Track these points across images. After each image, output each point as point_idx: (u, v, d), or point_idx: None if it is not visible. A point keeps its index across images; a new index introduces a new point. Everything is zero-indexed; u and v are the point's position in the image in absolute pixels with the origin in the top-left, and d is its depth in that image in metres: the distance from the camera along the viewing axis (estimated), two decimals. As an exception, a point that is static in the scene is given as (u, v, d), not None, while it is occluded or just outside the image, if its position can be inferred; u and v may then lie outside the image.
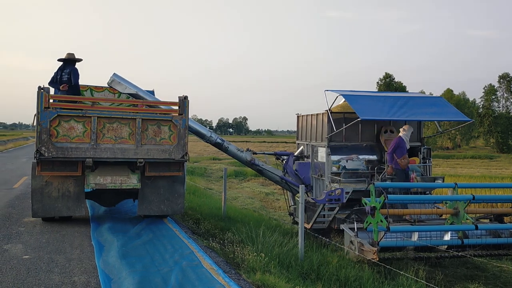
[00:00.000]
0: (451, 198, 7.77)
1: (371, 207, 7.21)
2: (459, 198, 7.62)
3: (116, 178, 8.20)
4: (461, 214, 7.52)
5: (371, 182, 7.51)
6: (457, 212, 7.58)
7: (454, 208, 7.65)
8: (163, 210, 8.73)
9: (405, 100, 9.68)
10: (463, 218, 7.49)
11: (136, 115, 8.15)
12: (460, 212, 7.54)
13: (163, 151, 8.18)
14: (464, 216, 7.49)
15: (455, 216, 7.63)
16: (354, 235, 7.63)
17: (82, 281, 5.29)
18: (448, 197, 7.82)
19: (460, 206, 7.57)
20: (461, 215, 7.52)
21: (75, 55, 9.33)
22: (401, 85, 74.04)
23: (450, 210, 7.71)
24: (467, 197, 7.57)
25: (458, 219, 7.56)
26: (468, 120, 10.11)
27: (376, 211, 7.14)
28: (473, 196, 7.55)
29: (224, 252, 6.99)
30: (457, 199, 7.63)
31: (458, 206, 7.61)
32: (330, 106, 9.92)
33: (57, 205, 8.11)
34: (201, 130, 10.22)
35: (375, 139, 10.38)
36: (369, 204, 7.30)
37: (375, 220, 7.19)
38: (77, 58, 9.33)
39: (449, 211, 7.71)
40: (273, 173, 10.79)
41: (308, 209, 10.09)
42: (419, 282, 6.46)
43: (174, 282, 5.29)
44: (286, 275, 6.06)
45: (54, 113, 7.63)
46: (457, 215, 7.60)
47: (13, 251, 6.45)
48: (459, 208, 7.57)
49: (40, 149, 7.53)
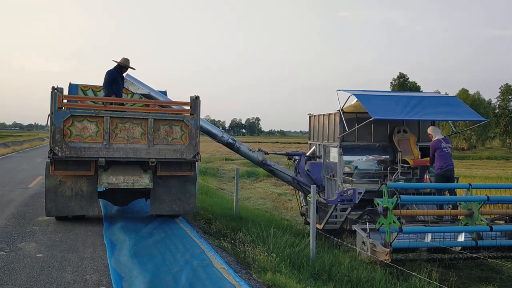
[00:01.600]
0: (465, 199, 7.64)
1: (384, 207, 7.14)
2: (473, 199, 7.48)
3: (129, 178, 8.26)
4: (476, 215, 7.39)
5: (384, 183, 7.42)
6: (471, 213, 7.45)
7: (468, 209, 7.52)
8: (175, 209, 8.76)
9: (418, 99, 9.56)
10: (478, 219, 7.37)
11: (148, 115, 8.20)
12: (475, 213, 7.40)
13: (175, 151, 8.21)
14: (478, 217, 7.37)
15: (469, 217, 7.50)
16: (367, 235, 7.56)
17: (94, 279, 5.33)
18: (462, 197, 7.69)
19: (474, 207, 7.43)
20: (475, 216, 7.39)
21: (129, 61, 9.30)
22: (415, 85, 73.35)
23: (464, 211, 7.58)
24: (482, 198, 7.43)
25: (472, 220, 7.43)
26: (482, 120, 9.95)
27: (388, 211, 7.07)
28: (487, 197, 7.41)
29: (235, 252, 6.99)
30: (471, 200, 7.49)
31: (472, 207, 7.48)
32: (342, 106, 9.86)
33: (70, 204, 8.19)
34: (212, 130, 10.24)
35: (388, 139, 10.29)
36: (381, 205, 7.23)
37: (388, 221, 7.11)
38: (130, 66, 9.29)
39: (463, 212, 7.58)
40: (285, 173, 10.76)
41: (320, 210, 10.04)
42: (432, 283, 6.37)
43: (185, 281, 5.31)
44: (297, 276, 6.02)
45: (67, 113, 7.72)
46: (471, 216, 7.47)
47: (27, 249, 6.53)
48: (473, 209, 7.44)
49: (54, 149, 7.61)
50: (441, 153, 8.71)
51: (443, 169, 8.63)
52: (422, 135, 10.55)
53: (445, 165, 8.62)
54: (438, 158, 8.71)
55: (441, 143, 8.81)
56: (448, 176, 8.70)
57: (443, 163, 8.64)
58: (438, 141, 8.86)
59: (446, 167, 8.62)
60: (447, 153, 8.74)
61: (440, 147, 8.76)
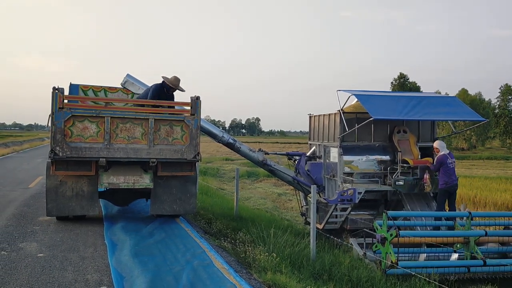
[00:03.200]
0: (463, 234, 7.77)
1: (382, 237, 7.19)
2: (471, 234, 7.68)
3: (129, 178, 8.27)
4: (471, 245, 7.57)
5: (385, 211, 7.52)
6: (468, 242, 7.63)
7: (465, 238, 7.68)
8: (176, 209, 8.78)
9: (418, 99, 9.58)
10: (473, 249, 7.53)
11: (148, 115, 8.21)
12: (471, 243, 7.58)
13: (176, 151, 8.23)
14: (474, 248, 7.54)
15: (465, 245, 7.66)
16: (363, 254, 7.62)
17: (95, 279, 5.35)
18: (460, 233, 7.82)
19: (471, 238, 7.62)
20: (471, 246, 7.57)
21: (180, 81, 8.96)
22: (415, 85, 73.32)
23: (460, 239, 7.73)
24: (479, 233, 7.66)
25: (468, 248, 7.59)
26: (482, 120, 9.98)
27: (386, 242, 7.11)
28: (485, 232, 7.63)
29: (236, 251, 7.01)
30: (469, 235, 7.68)
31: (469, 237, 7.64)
32: (342, 106, 9.87)
33: (71, 204, 8.21)
34: (213, 130, 10.25)
35: (388, 139, 10.31)
36: (380, 232, 7.27)
37: (384, 250, 7.16)
38: (180, 87, 9.02)
39: (459, 239, 7.73)
40: (285, 173, 10.77)
41: (320, 210, 10.06)
42: (432, 283, 6.40)
43: (186, 281, 5.32)
44: (298, 275, 6.04)
45: (68, 113, 7.73)
46: (467, 244, 7.64)
47: (28, 249, 6.55)
48: (470, 239, 7.61)
49: (55, 149, 7.63)
50: (446, 168, 8.94)
51: (448, 185, 8.91)
52: (422, 135, 10.58)
53: (450, 181, 8.91)
54: (444, 174, 8.95)
55: (447, 159, 9.00)
56: (452, 191, 9.04)
57: (448, 178, 8.91)
58: (445, 156, 9.02)
59: (451, 182, 8.92)
60: (452, 169, 8.98)
61: (446, 162, 8.96)
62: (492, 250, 8.06)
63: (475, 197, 16.54)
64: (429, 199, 9.62)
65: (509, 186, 19.69)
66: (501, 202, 16.16)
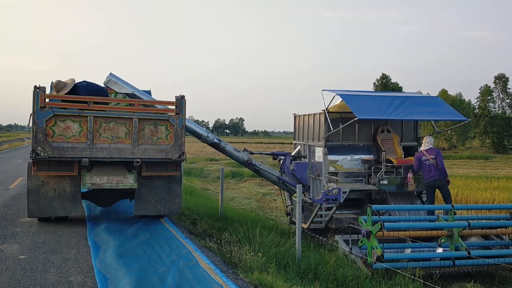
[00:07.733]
0: (447, 226, 7.81)
1: (367, 230, 7.22)
2: (454, 226, 7.73)
3: (113, 178, 8.16)
4: (455, 237, 7.63)
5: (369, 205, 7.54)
6: (451, 235, 7.68)
7: (448, 230, 7.73)
8: (160, 210, 8.70)
9: (401, 99, 9.69)
10: (457, 241, 7.59)
11: (132, 114, 8.12)
12: (454, 235, 7.64)
13: (160, 151, 8.15)
14: (458, 240, 7.60)
15: (449, 238, 7.72)
16: (348, 250, 7.64)
17: (78, 281, 5.25)
18: (444, 224, 7.88)
19: (454, 230, 7.67)
20: (455, 238, 7.63)
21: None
22: (398, 86, 74.16)
23: (444, 232, 7.78)
24: (462, 225, 7.71)
25: (452, 241, 7.64)
26: (464, 120, 10.15)
27: (371, 235, 7.14)
28: (468, 224, 7.70)
29: (221, 252, 6.97)
30: (452, 226, 7.73)
31: (452, 229, 7.70)
32: (327, 106, 9.92)
33: (53, 205, 8.06)
34: (198, 130, 10.19)
35: (372, 138, 10.39)
36: (364, 227, 7.30)
37: (370, 244, 7.19)
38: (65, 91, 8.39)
39: (443, 233, 7.78)
40: (270, 173, 10.77)
41: (305, 209, 10.08)
42: (416, 281, 6.46)
43: (171, 282, 5.27)
44: (284, 275, 6.04)
45: (50, 112, 7.59)
46: (451, 237, 7.69)
47: (9, 251, 6.41)
48: (453, 232, 7.67)
49: (36, 149, 7.48)
50: (423, 165, 9.14)
51: (427, 181, 9.10)
52: (405, 135, 10.70)
53: (428, 177, 9.07)
54: (423, 171, 9.17)
55: (422, 156, 9.16)
56: (433, 186, 9.14)
57: (426, 175, 9.12)
58: (420, 153, 9.24)
59: (429, 178, 9.05)
60: (428, 166, 9.07)
61: (421, 160, 9.16)
62: (475, 244, 8.14)
63: (456, 196, 16.84)
64: (413, 198, 9.73)
65: (489, 185, 20.09)
66: (482, 200, 16.63)
